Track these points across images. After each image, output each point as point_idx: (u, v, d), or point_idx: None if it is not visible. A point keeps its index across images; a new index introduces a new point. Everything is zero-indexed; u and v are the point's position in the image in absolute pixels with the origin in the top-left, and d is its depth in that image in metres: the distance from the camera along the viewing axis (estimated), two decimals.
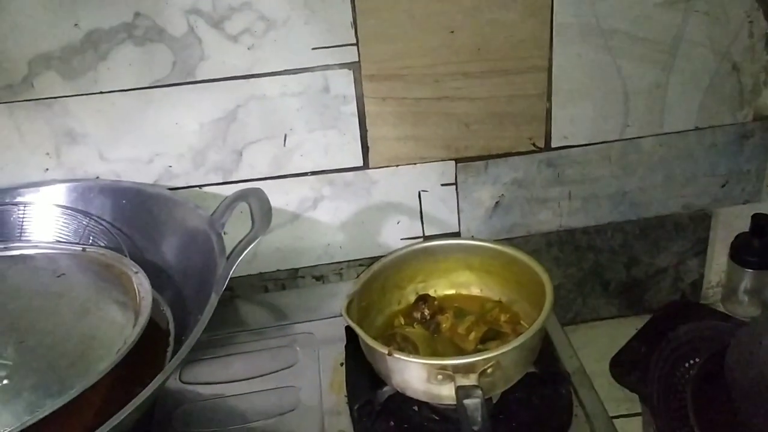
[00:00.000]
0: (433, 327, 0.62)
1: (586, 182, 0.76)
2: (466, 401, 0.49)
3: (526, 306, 0.61)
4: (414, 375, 0.53)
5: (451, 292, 0.66)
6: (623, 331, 0.79)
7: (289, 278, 0.77)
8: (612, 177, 0.76)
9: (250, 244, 0.54)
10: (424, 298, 0.64)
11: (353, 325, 0.55)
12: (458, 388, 0.50)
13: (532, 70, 0.69)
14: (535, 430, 0.55)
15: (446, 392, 0.52)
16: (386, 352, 0.52)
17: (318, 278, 0.78)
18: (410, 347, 0.57)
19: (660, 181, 0.77)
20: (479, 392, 0.49)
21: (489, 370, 0.51)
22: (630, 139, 0.74)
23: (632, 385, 0.73)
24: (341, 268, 0.78)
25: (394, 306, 0.65)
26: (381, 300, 0.64)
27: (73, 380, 0.47)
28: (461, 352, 0.58)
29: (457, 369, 0.51)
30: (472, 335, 0.59)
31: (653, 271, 0.83)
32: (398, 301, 0.65)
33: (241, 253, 0.53)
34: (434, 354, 0.58)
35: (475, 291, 0.66)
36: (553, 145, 0.73)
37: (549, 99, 0.71)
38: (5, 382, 0.45)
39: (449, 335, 0.61)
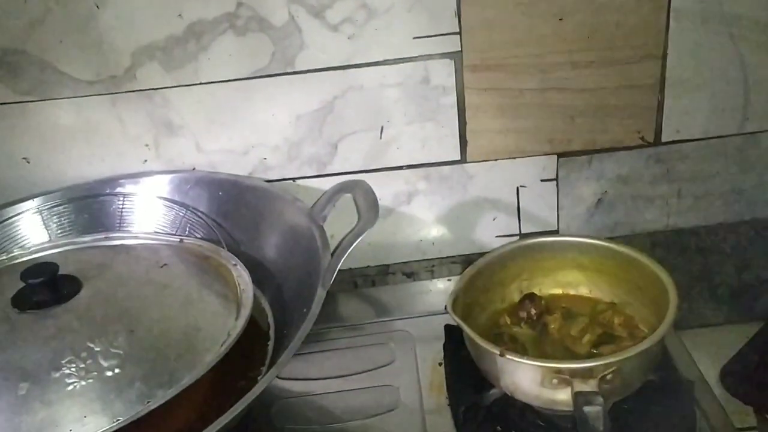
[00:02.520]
0: (540, 327, 0.58)
1: (699, 179, 0.71)
2: (586, 408, 0.46)
3: (643, 309, 0.57)
4: (526, 377, 0.50)
5: (558, 291, 0.63)
6: (732, 338, 0.74)
7: (379, 274, 0.76)
8: (727, 174, 0.71)
9: (357, 237, 0.52)
10: (530, 297, 0.61)
11: (461, 323, 0.53)
12: (576, 394, 0.47)
13: (645, 58, 0.65)
14: None
15: (561, 397, 0.49)
16: (498, 352, 0.50)
17: (409, 275, 0.76)
18: (519, 348, 0.55)
19: None
20: (600, 399, 0.46)
21: (609, 377, 0.48)
22: (749, 133, 0.69)
23: (746, 397, 0.68)
24: (433, 265, 0.75)
25: (497, 304, 0.62)
26: (484, 298, 0.61)
27: (181, 371, 0.47)
28: (573, 356, 0.55)
29: (575, 373, 0.48)
30: (586, 338, 0.56)
31: (767, 277, 0.77)
32: (502, 299, 0.62)
33: (349, 247, 0.52)
34: (544, 356, 0.55)
35: (584, 291, 0.62)
36: (664, 139, 0.69)
37: (662, 90, 0.66)
38: (117, 371, 0.45)
39: (559, 337, 0.57)
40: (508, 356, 0.50)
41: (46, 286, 0.50)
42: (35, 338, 0.47)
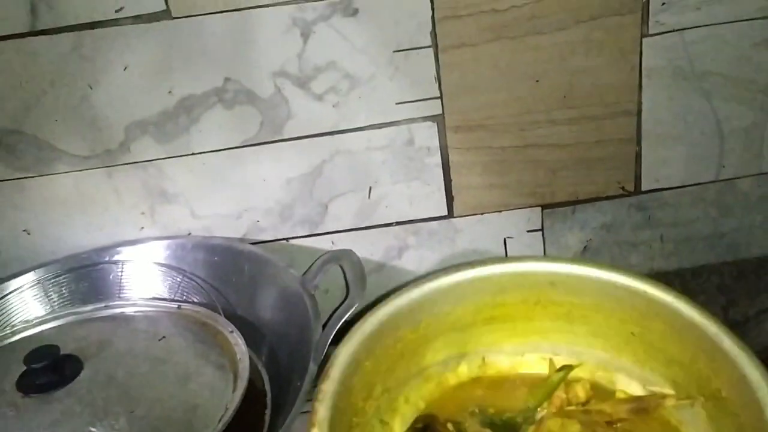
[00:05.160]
0: None
1: (680, 225, 0.73)
2: None
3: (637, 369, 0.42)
4: None
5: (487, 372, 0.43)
6: None
7: None
8: (707, 219, 0.73)
9: (347, 312, 0.54)
10: (428, 430, 0.40)
11: None
12: None
13: (621, 114, 0.67)
14: None
15: None
16: None
17: None
18: None
19: (759, 221, 0.73)
20: None
21: None
22: (726, 180, 0.71)
23: None
24: None
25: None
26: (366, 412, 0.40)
27: None
28: None
29: None
30: None
31: (754, 312, 0.79)
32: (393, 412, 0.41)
33: (339, 322, 0.54)
34: None
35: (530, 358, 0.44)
36: (644, 188, 0.71)
37: (638, 143, 0.69)
38: None
39: None
40: None
41: (49, 368, 0.52)
42: (39, 425, 0.48)
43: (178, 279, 0.69)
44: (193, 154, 0.68)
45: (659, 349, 0.42)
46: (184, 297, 0.69)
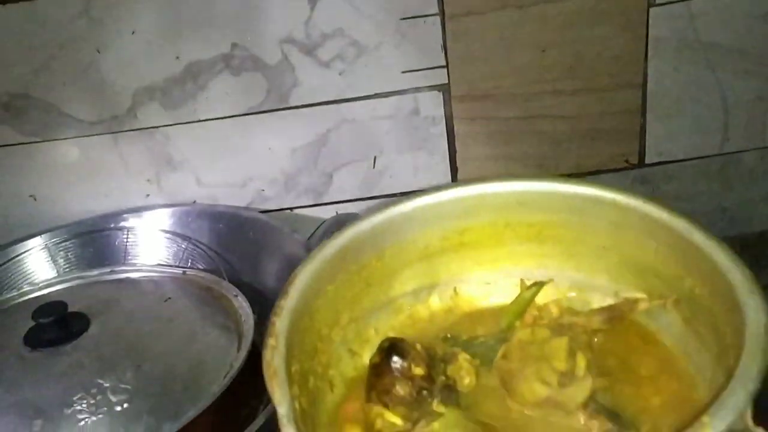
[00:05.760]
0: (445, 395, 0.36)
1: (683, 198, 0.73)
2: None
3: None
4: None
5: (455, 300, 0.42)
6: None
7: None
8: (710, 192, 0.73)
9: None
10: (395, 349, 0.37)
11: None
12: None
13: (626, 86, 0.67)
14: None
15: None
16: None
17: None
18: None
19: (762, 195, 0.73)
20: None
21: None
22: (730, 153, 0.71)
23: None
24: None
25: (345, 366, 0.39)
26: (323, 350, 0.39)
27: (187, 404, 0.49)
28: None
29: None
30: (580, 366, 0.36)
31: None
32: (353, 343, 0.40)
33: None
34: None
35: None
36: (647, 161, 0.71)
37: (643, 115, 0.69)
38: (126, 405, 0.47)
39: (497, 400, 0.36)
40: None
41: (56, 324, 0.52)
42: (47, 376, 0.49)
43: (183, 245, 0.70)
44: (199, 121, 0.68)
45: (632, 260, 0.42)
46: (189, 263, 0.69)
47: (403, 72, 0.67)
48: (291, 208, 0.73)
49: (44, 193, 0.71)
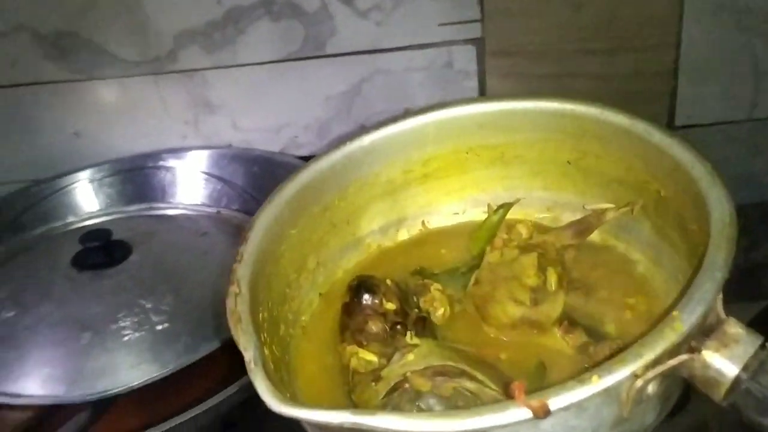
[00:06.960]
0: (420, 328, 0.36)
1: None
2: None
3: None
4: None
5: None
6: (739, 317, 0.77)
7: None
8: (737, 158, 0.74)
9: None
10: (365, 286, 0.36)
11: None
12: None
13: (660, 47, 0.68)
14: None
15: None
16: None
17: None
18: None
19: None
20: None
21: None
22: (758, 119, 0.72)
23: None
24: None
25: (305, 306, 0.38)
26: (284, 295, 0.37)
27: (222, 328, 0.52)
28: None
29: None
30: (551, 281, 0.36)
31: None
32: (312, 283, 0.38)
33: None
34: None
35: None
36: (677, 124, 0.72)
37: (675, 77, 0.69)
38: (166, 325, 0.50)
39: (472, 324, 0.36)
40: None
41: (101, 249, 0.55)
42: (93, 295, 0.52)
43: (218, 187, 0.72)
44: (238, 65, 0.70)
45: (596, 172, 0.42)
46: (224, 204, 0.72)
47: (439, 24, 0.68)
48: None
49: (86, 130, 0.74)
